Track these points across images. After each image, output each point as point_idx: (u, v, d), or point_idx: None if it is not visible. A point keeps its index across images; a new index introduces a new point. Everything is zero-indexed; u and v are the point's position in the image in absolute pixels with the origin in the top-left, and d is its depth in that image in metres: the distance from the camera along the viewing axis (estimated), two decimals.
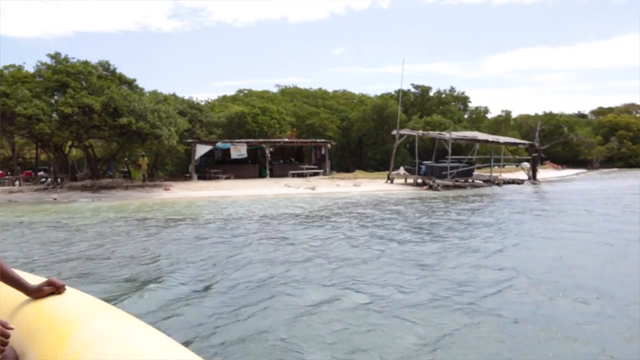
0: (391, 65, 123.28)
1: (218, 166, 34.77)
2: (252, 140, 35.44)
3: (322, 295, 6.19)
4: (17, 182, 36.65)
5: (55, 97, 27.22)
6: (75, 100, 25.32)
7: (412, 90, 54.60)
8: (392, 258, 8.51)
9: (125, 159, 36.47)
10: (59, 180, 32.17)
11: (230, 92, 59.16)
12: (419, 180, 28.83)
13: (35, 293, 1.74)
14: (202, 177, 33.08)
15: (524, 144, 36.14)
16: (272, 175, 34.33)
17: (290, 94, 55.14)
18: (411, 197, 22.56)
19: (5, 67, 28.77)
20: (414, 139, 31.22)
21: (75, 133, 26.75)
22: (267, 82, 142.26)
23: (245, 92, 52.97)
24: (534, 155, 33.09)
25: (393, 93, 52.25)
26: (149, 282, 6.93)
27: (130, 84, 30.76)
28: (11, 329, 1.50)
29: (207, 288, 6.53)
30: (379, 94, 53.83)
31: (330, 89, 57.64)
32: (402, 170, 32.42)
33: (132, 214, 16.69)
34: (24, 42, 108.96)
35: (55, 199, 26.21)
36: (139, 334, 1.40)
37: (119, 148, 31.05)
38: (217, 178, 32.60)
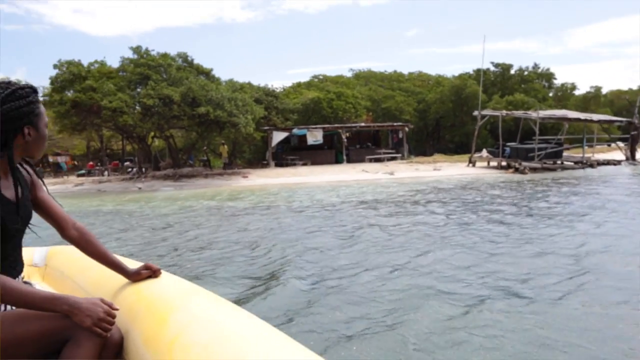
0: (467, 44, 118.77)
1: (294, 152, 34.74)
2: (327, 125, 35.08)
3: (468, 295, 5.22)
4: (105, 173, 38.47)
5: (138, 90, 28.06)
6: (156, 92, 25.94)
7: (492, 68, 52.13)
8: (528, 249, 7.31)
9: (205, 147, 37.24)
10: (143, 170, 33.36)
11: (305, 79, 59.27)
12: (504, 163, 27.36)
13: (134, 276, 1.83)
14: (279, 163, 33.15)
15: (620, 121, 33.30)
16: (349, 161, 33.87)
17: (364, 77, 54.28)
18: (502, 180, 21.28)
19: (92, 64, 29.97)
20: (496, 120, 29.66)
21: (157, 124, 27.47)
22: (341, 67, 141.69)
23: (320, 77, 52.67)
24: (632, 133, 30.46)
25: (471, 73, 50.14)
26: (271, 276, 6.26)
27: (207, 74, 31.20)
28: (116, 309, 1.55)
29: (327, 285, 5.76)
30: (456, 74, 51.80)
31: (405, 72, 56.25)
32: (484, 152, 30.93)
33: (221, 202, 16.78)
34: (108, 41, 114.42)
35: (140, 188, 27.04)
36: (234, 317, 1.42)
37: (198, 137, 31.68)
38: (294, 164, 32.55)
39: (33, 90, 1.63)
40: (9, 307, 1.60)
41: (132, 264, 1.93)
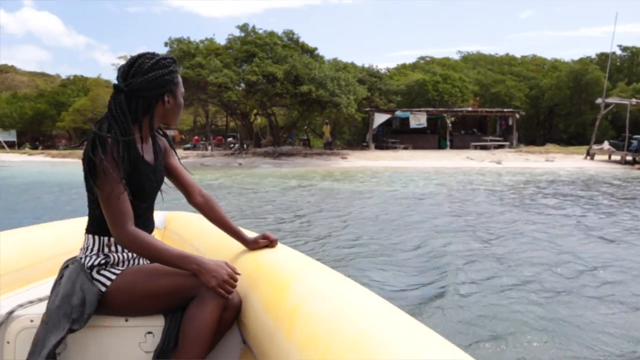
0: (586, 27, 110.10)
1: (396, 136, 33.70)
2: (432, 109, 33.69)
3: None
4: (209, 147, 39.71)
5: (243, 67, 28.34)
6: (261, 69, 26.01)
7: (619, 52, 47.49)
8: None
9: (305, 127, 37.25)
10: (245, 146, 33.97)
11: (410, 61, 57.56)
12: (629, 158, 24.68)
13: (252, 244, 1.90)
14: (379, 146, 32.34)
15: None
16: (452, 147, 32.33)
17: (473, 60, 51.69)
18: (632, 176, 19.06)
19: (201, 41, 30.70)
20: (620, 110, 26.82)
21: (259, 101, 27.63)
22: (449, 49, 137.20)
23: (426, 59, 50.86)
24: None
25: (593, 57, 46.04)
26: (432, 272, 5.38)
27: (311, 52, 30.92)
28: (238, 274, 1.61)
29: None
30: (574, 59, 47.74)
31: (517, 55, 52.79)
32: (606, 144, 28.14)
33: (331, 182, 16.41)
34: (217, 21, 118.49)
35: (240, 164, 27.48)
36: (353, 291, 1.41)
37: (299, 116, 31.61)
38: (395, 148, 31.58)
39: (173, 60, 1.72)
40: (141, 261, 1.74)
41: (248, 234, 1.98)
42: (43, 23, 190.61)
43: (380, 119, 32.00)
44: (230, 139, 40.51)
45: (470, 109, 35.96)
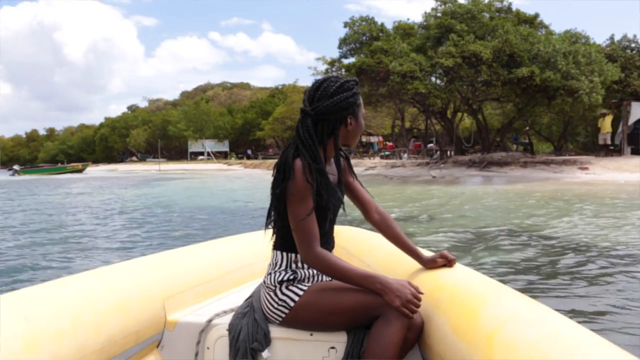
0: None
1: None
2: None
3: None
4: (404, 155, 33.77)
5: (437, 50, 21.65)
6: (458, 49, 19.10)
7: None
8: None
9: (527, 127, 29.00)
10: (449, 153, 27.27)
11: None
12: None
13: (430, 263, 1.87)
14: (637, 150, 22.67)
15: None
16: None
17: None
18: None
19: (395, 22, 24.91)
20: None
21: (457, 92, 20.71)
22: None
23: None
24: None
25: None
26: None
27: (531, 22, 22.86)
28: (421, 293, 1.59)
29: None
30: None
31: None
32: None
33: (558, 214, 9.22)
34: None
35: (434, 176, 21.27)
36: (552, 318, 1.31)
37: (516, 112, 23.63)
38: None
39: (356, 82, 1.75)
40: (325, 277, 1.77)
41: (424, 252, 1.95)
42: (279, 45, 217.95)
43: (639, 111, 22.35)
44: (430, 145, 34.13)
45: None
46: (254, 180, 25.57)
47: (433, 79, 21.92)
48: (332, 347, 1.68)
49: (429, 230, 7.84)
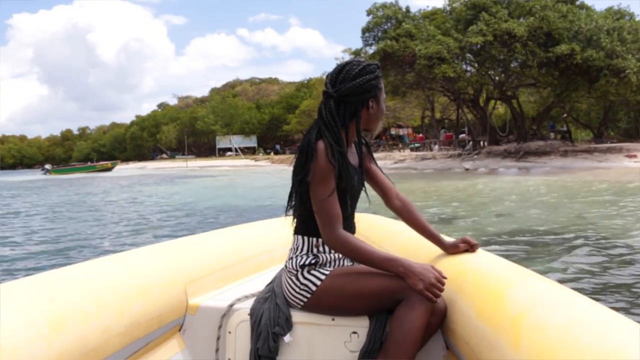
0: None
1: None
2: None
3: None
4: (436, 146, 32.40)
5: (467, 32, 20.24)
6: (490, 27, 17.69)
7: None
8: None
9: (564, 115, 27.27)
10: (482, 144, 25.82)
11: None
12: None
13: (452, 248, 1.83)
14: None
15: None
16: None
17: None
18: None
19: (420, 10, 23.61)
20: None
21: (488, 76, 19.32)
22: None
23: None
24: None
25: None
26: None
27: (571, 1, 21.19)
28: (445, 277, 1.55)
29: None
30: None
31: None
32: None
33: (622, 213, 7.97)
34: None
35: (467, 168, 20.03)
36: (580, 302, 1.25)
37: (554, 97, 22.01)
38: None
39: (377, 66, 1.70)
40: (346, 262, 1.73)
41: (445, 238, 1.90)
42: (306, 39, 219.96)
43: None
44: (462, 136, 32.64)
45: None
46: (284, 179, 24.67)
47: (463, 66, 20.60)
48: (354, 332, 1.67)
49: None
